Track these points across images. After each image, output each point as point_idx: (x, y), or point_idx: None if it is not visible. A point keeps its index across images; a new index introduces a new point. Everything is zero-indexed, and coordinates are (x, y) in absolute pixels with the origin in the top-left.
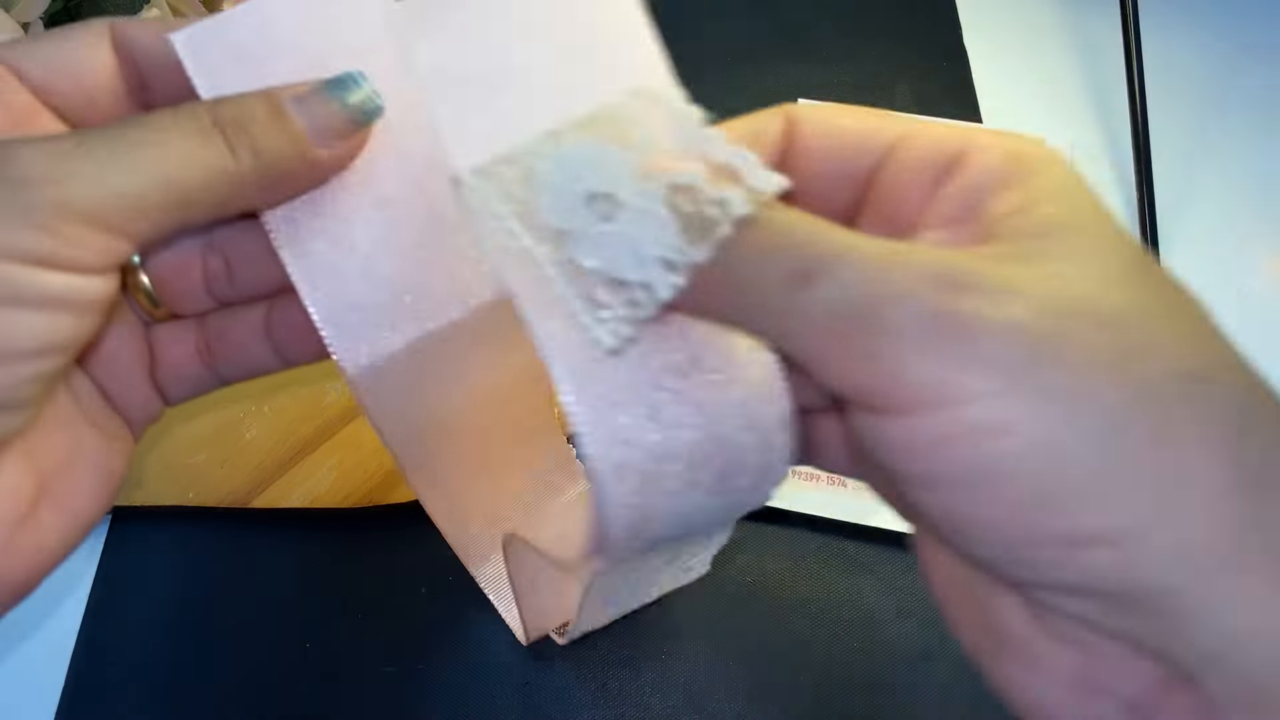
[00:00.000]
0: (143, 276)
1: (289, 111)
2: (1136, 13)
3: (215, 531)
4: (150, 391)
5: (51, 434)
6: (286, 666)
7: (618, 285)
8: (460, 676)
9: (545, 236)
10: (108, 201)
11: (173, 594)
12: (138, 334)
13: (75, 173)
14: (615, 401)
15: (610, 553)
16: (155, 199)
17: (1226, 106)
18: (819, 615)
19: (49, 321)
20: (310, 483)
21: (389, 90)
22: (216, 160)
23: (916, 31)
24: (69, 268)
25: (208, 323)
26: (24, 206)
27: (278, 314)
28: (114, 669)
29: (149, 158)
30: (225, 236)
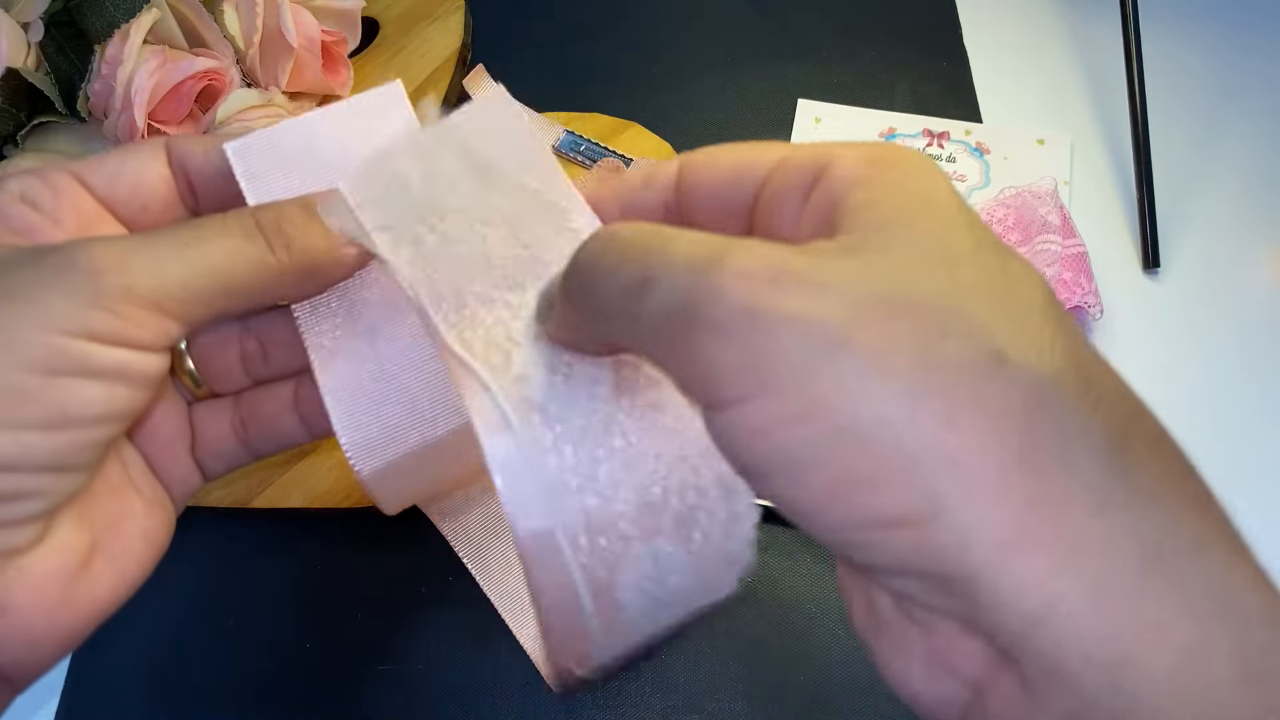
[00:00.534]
0: (188, 359)
1: (319, 214)
2: (1136, 13)
3: (215, 531)
4: (191, 466)
5: (104, 497)
6: (286, 666)
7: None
8: (460, 676)
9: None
10: (165, 289)
11: (173, 594)
12: (181, 412)
13: (139, 264)
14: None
15: (589, 631)
16: (206, 287)
17: (1226, 106)
18: (819, 615)
19: (109, 392)
20: (310, 483)
21: None
22: (258, 255)
23: (916, 31)
24: (129, 345)
25: (242, 400)
26: (95, 291)
27: (305, 389)
28: (114, 669)
29: (201, 253)
30: (260, 322)
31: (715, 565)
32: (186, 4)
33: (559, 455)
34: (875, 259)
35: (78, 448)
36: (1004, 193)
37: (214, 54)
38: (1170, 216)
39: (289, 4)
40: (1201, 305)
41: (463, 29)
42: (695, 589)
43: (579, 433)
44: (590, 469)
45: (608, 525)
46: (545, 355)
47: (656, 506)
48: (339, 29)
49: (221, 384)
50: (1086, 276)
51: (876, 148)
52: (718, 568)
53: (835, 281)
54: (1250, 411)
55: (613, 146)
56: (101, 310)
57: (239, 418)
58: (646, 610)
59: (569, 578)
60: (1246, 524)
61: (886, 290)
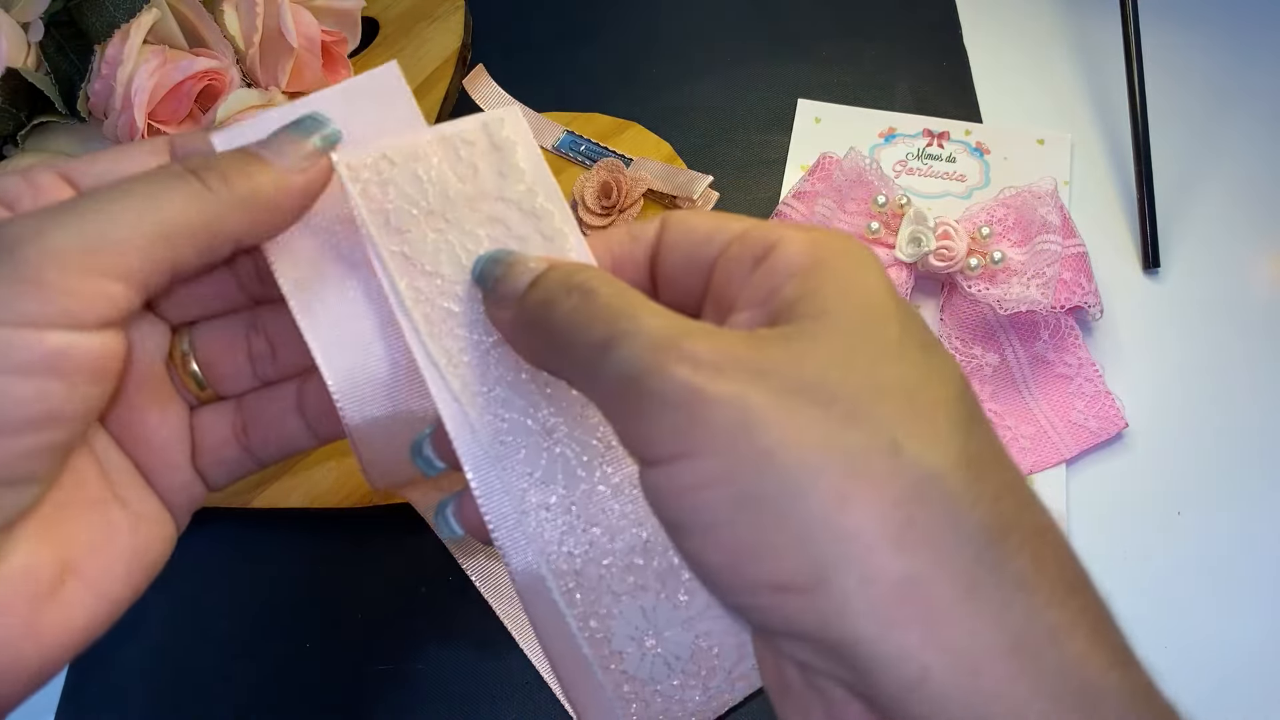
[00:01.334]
0: (192, 361)
1: (255, 150)
2: (1136, 13)
3: (215, 531)
4: (192, 475)
5: (76, 512)
6: (286, 666)
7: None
8: (460, 676)
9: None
10: (89, 241)
11: (172, 593)
12: (180, 416)
13: (59, 226)
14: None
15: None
16: (137, 232)
17: (1226, 106)
18: None
19: (42, 388)
20: (310, 483)
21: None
22: (191, 194)
23: (916, 31)
24: (62, 322)
25: (245, 403)
26: (9, 265)
27: (309, 389)
28: (114, 668)
29: (127, 203)
30: (268, 318)
31: (717, 626)
32: (186, 4)
33: (539, 494)
34: (804, 349)
35: (13, 457)
36: (1004, 193)
37: (214, 54)
38: (1170, 216)
39: (289, 4)
40: (1201, 305)
41: (463, 29)
42: (704, 653)
43: (560, 484)
44: (570, 512)
45: (590, 567)
46: (516, 375)
47: (638, 563)
48: (339, 29)
49: (228, 386)
50: (1086, 276)
51: (821, 235)
52: (722, 633)
53: (769, 369)
54: (1250, 411)
55: (613, 146)
56: (21, 283)
57: (241, 422)
58: (656, 672)
59: (552, 598)
60: (1247, 524)
61: (810, 380)
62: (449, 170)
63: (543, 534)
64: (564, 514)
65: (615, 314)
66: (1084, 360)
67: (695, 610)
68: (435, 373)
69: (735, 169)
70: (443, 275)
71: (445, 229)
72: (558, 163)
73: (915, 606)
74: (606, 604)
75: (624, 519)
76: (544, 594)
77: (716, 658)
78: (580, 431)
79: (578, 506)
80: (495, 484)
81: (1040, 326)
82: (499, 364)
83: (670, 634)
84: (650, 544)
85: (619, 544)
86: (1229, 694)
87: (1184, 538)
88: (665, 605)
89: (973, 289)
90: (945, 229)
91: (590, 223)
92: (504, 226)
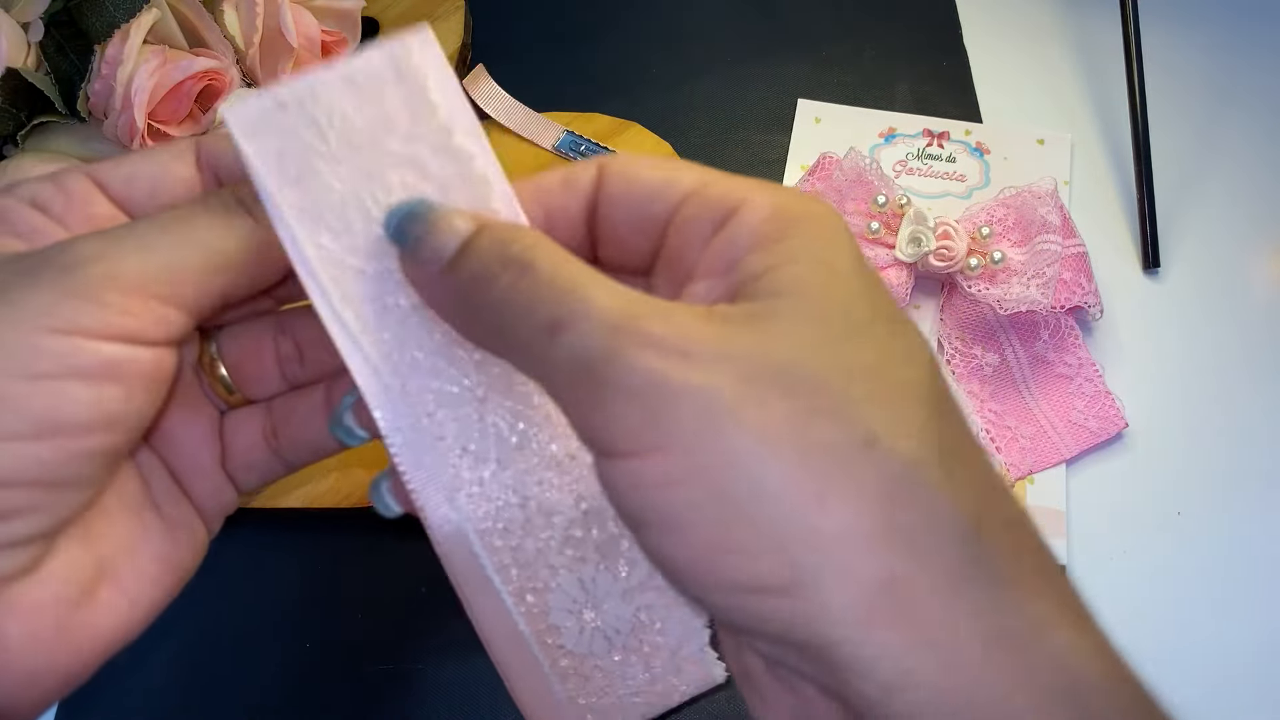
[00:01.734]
0: (220, 365)
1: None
2: (1136, 13)
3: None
4: (222, 480)
5: (115, 517)
6: (286, 666)
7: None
8: (460, 676)
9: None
10: (151, 271)
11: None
12: (210, 421)
13: (122, 250)
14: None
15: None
16: (193, 264)
17: (1226, 106)
18: None
19: (99, 393)
20: (310, 483)
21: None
22: (246, 230)
23: (916, 31)
24: (120, 337)
25: (274, 406)
26: (74, 283)
27: (338, 391)
28: (114, 668)
29: (184, 231)
30: (293, 321)
31: (660, 599)
32: (186, 4)
33: (471, 470)
34: (772, 330)
35: (71, 458)
36: (1004, 193)
37: (214, 54)
38: (1170, 216)
39: (289, 4)
40: (1201, 305)
41: (463, 29)
42: (645, 628)
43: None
44: (505, 487)
45: (527, 541)
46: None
47: (576, 535)
48: (339, 29)
49: (256, 389)
50: (1086, 276)
51: (787, 199)
52: (665, 606)
53: (735, 354)
54: (1250, 411)
55: (613, 146)
56: (85, 300)
57: (270, 425)
58: (595, 647)
59: (485, 574)
60: (1247, 524)
61: (779, 366)
62: (351, 110)
63: (476, 511)
64: (500, 489)
65: (561, 292)
66: (1084, 360)
67: (636, 581)
68: (349, 341)
69: (735, 169)
70: (351, 231)
71: (351, 178)
72: (557, 163)
73: (897, 607)
74: (543, 578)
75: (563, 491)
76: (477, 571)
77: (660, 634)
78: (513, 400)
79: (514, 481)
80: (423, 460)
81: (1040, 326)
82: (420, 328)
83: (609, 606)
84: (590, 514)
85: (557, 518)
86: (1228, 694)
87: (1184, 538)
88: (605, 576)
89: (973, 289)
90: (945, 229)
91: None
92: (418, 172)
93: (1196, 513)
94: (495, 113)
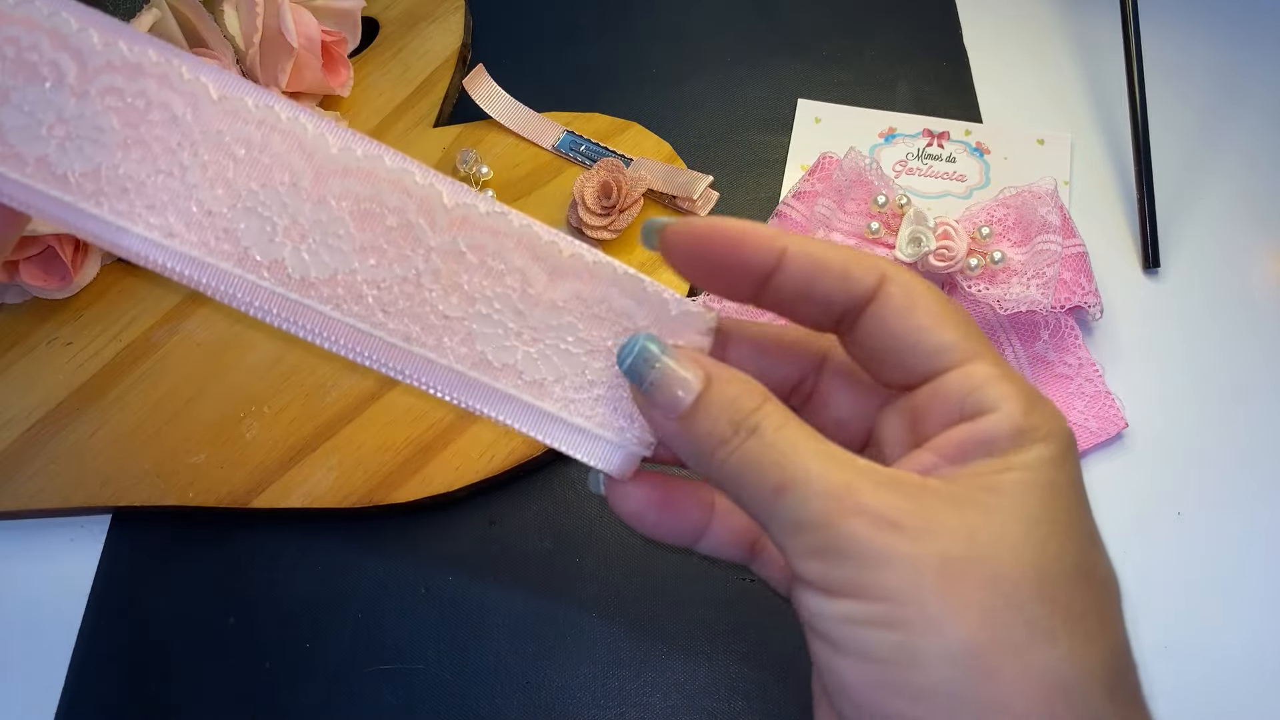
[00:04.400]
0: None
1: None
2: (1136, 13)
3: (215, 531)
4: None
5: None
6: (286, 666)
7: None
8: (460, 676)
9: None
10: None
11: (173, 594)
12: None
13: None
14: None
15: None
16: None
17: (1226, 106)
18: None
19: None
20: (310, 483)
21: None
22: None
23: (916, 31)
24: None
25: None
26: None
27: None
28: (114, 668)
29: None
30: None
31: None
32: (186, 4)
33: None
34: (980, 523)
35: None
36: (1004, 193)
37: (214, 54)
38: (1170, 216)
39: (289, 4)
40: (1201, 305)
41: (463, 29)
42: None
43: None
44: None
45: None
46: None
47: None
48: (339, 29)
49: None
50: (1086, 276)
51: (1037, 417)
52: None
53: (941, 530)
54: (1251, 411)
55: (613, 146)
56: None
57: None
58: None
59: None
60: (1247, 524)
61: (980, 557)
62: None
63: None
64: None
65: (784, 456)
66: (1084, 360)
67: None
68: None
69: (735, 169)
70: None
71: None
72: (557, 163)
73: None
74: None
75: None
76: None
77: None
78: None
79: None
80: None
81: (1040, 326)
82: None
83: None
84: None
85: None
86: (1228, 694)
87: (1184, 538)
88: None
89: (973, 289)
90: (945, 229)
91: (590, 222)
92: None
93: (1196, 513)
94: (495, 113)
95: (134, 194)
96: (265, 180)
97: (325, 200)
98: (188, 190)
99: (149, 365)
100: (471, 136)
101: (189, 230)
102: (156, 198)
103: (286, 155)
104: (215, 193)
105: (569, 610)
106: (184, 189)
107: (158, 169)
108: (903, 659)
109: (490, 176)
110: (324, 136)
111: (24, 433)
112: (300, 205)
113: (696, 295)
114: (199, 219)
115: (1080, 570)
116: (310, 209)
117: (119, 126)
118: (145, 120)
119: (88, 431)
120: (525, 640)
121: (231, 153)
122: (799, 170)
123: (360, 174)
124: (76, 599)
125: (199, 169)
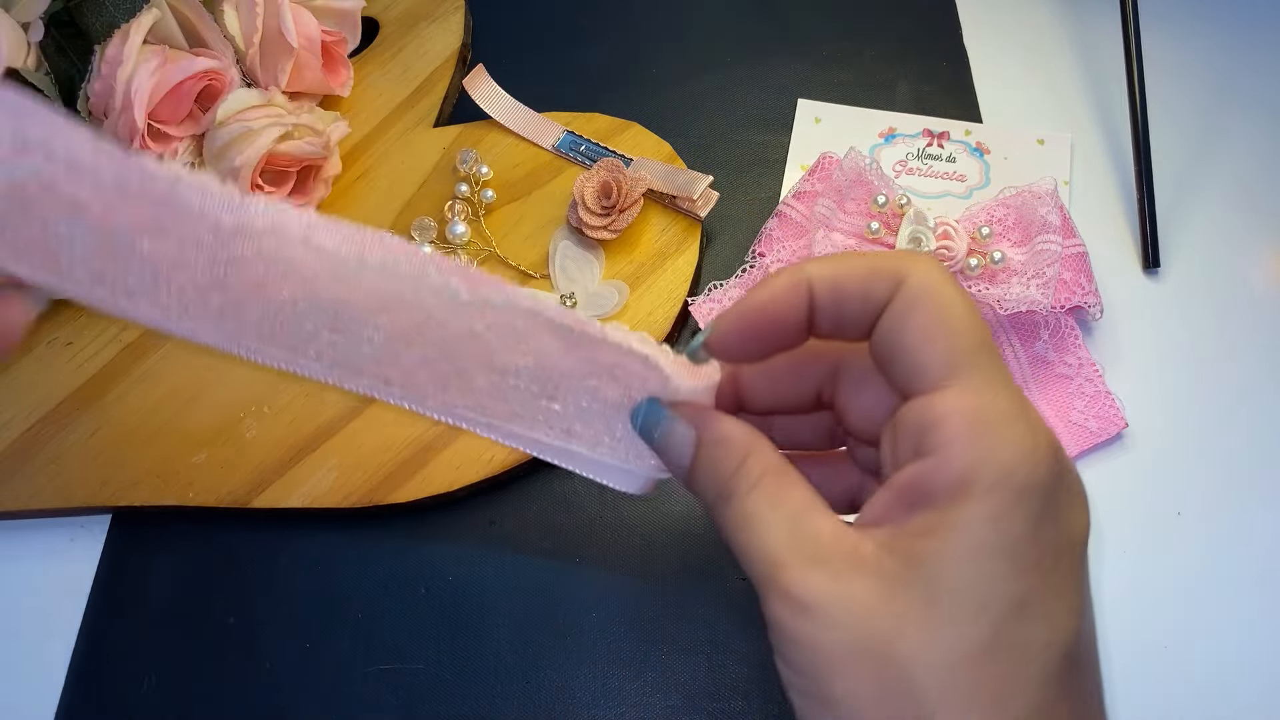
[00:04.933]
0: None
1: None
2: (1136, 13)
3: (215, 531)
4: None
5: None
6: (286, 666)
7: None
8: (460, 675)
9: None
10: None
11: (173, 594)
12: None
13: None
14: None
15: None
16: None
17: (1226, 106)
18: None
19: None
20: (310, 483)
21: None
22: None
23: (916, 31)
24: None
25: None
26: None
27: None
28: (114, 668)
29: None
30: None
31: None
32: (186, 4)
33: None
34: (892, 600)
35: None
36: (1004, 193)
37: (214, 54)
38: (1170, 216)
39: (289, 4)
40: (1201, 305)
41: (463, 29)
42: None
43: None
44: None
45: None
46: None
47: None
48: (339, 29)
49: None
50: (1086, 276)
51: (990, 448)
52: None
53: (849, 616)
54: (1251, 411)
55: (613, 146)
56: None
57: None
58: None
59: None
60: (1247, 524)
61: (880, 638)
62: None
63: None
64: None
65: (742, 526)
66: (1084, 360)
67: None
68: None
69: (735, 169)
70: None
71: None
72: (557, 163)
73: None
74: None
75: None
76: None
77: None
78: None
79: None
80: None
81: (1040, 326)
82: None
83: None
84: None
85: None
86: (1228, 694)
87: (1184, 538)
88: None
89: (973, 289)
90: (945, 229)
91: (590, 222)
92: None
93: (1196, 513)
94: (495, 113)
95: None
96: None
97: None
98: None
99: (149, 365)
100: (471, 136)
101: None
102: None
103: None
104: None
105: (569, 610)
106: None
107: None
108: (875, 689)
109: (490, 176)
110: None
111: (24, 433)
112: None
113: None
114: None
115: (999, 645)
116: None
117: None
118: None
119: (88, 431)
120: (525, 640)
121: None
122: (799, 170)
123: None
124: (76, 599)
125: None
